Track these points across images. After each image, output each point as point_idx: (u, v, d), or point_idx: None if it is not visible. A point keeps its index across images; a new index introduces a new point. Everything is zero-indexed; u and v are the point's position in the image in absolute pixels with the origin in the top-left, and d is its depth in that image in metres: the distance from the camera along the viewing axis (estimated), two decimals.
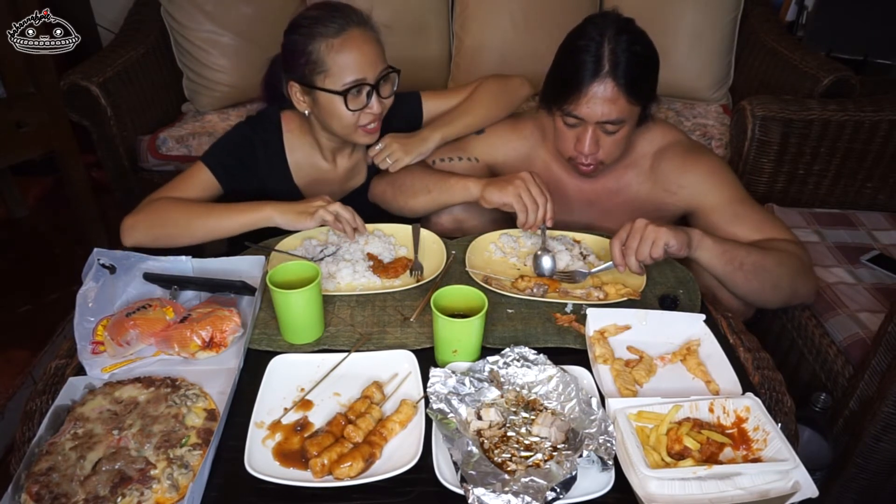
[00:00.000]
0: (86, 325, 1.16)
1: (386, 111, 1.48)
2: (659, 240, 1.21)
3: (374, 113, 1.43)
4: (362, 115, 1.42)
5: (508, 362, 1.07)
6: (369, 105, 1.42)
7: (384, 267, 1.36)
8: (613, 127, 1.39)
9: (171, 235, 1.38)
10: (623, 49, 1.32)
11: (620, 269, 1.27)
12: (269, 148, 1.56)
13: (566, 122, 1.42)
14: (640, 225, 1.23)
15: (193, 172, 1.49)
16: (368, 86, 1.39)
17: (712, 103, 2.61)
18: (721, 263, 1.28)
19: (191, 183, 1.48)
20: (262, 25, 2.50)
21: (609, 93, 1.33)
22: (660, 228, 1.22)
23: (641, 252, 1.23)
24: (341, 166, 1.62)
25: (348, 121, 1.43)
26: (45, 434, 0.97)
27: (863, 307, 1.60)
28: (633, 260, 1.24)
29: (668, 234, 1.22)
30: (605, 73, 1.32)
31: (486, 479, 0.87)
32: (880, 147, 2.01)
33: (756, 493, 0.89)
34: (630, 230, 1.24)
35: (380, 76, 1.41)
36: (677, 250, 1.24)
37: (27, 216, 2.81)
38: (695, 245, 1.27)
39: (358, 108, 1.41)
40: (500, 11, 2.56)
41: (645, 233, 1.22)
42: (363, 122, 1.43)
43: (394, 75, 1.44)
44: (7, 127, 1.96)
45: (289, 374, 1.09)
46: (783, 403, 1.09)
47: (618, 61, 1.32)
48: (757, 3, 2.68)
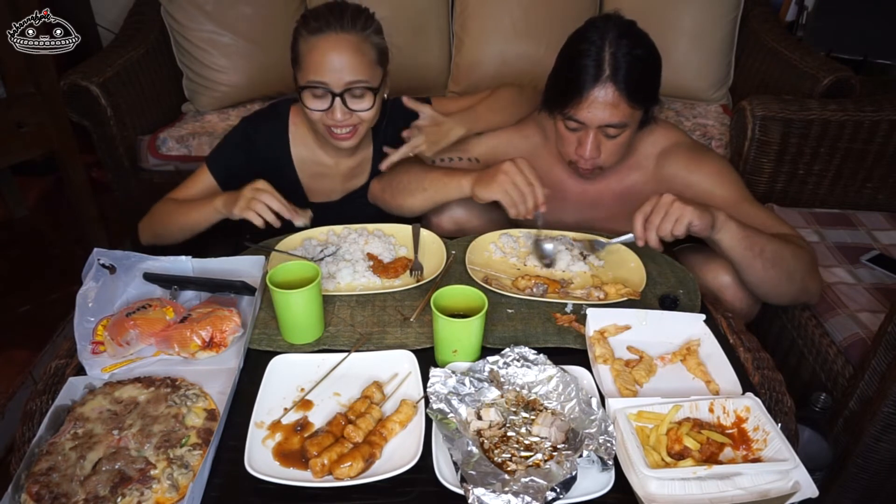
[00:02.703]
0: (86, 325, 1.16)
1: (365, 123, 1.45)
2: (683, 217, 1.21)
3: (335, 120, 1.41)
4: (326, 118, 1.42)
5: (508, 362, 1.07)
6: (331, 111, 1.40)
7: (384, 267, 1.36)
8: (615, 131, 1.39)
9: (161, 235, 1.47)
10: (624, 53, 1.31)
11: (640, 243, 1.27)
12: (272, 142, 1.57)
13: (567, 125, 1.42)
14: (666, 200, 1.22)
15: (197, 176, 1.56)
16: (329, 92, 1.38)
17: (712, 103, 2.61)
18: (742, 248, 1.27)
19: (193, 186, 1.55)
20: (262, 25, 2.50)
21: (610, 97, 1.33)
22: (686, 206, 1.21)
23: (663, 228, 1.22)
24: (344, 164, 1.62)
25: (314, 119, 1.43)
26: (45, 434, 0.97)
27: (863, 307, 1.60)
28: (654, 235, 1.23)
29: (694, 213, 1.21)
30: (606, 78, 1.32)
31: (486, 479, 0.87)
32: (880, 147, 2.01)
33: (756, 493, 0.89)
34: (656, 205, 1.23)
35: (348, 86, 1.39)
36: (700, 230, 1.23)
37: (27, 216, 2.81)
38: (718, 226, 1.25)
39: (316, 109, 1.41)
40: (501, 12, 2.56)
41: (671, 209, 1.21)
42: (328, 123, 1.43)
43: (369, 92, 1.41)
44: (7, 127, 1.95)
45: (289, 374, 1.09)
46: (783, 403, 1.09)
47: (619, 66, 1.31)
48: (757, 3, 2.68)
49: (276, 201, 1.32)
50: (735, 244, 1.27)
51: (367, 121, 1.46)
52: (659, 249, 1.28)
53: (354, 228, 1.47)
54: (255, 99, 2.59)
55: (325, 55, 1.37)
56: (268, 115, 1.60)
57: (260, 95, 2.59)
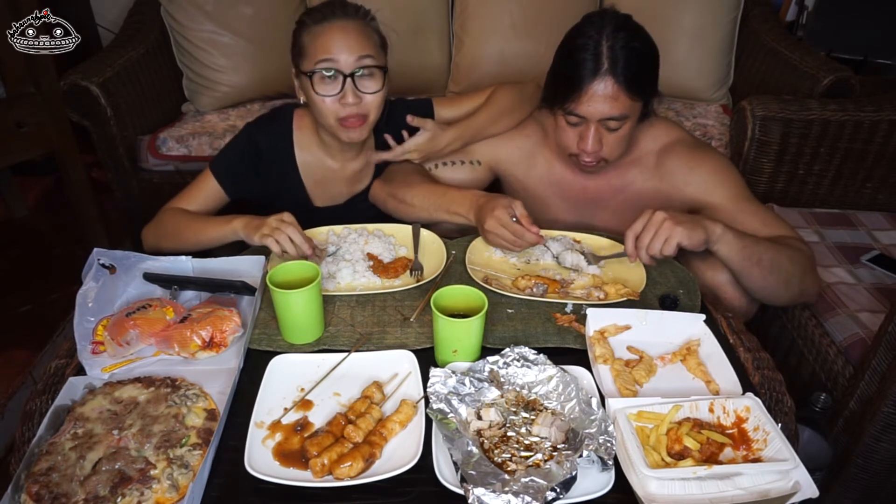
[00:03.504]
0: (86, 325, 1.16)
1: (373, 111, 1.44)
2: (672, 238, 1.21)
3: (349, 103, 1.40)
4: (339, 106, 1.40)
5: (508, 362, 1.07)
6: (343, 94, 1.39)
7: (384, 267, 1.36)
8: (616, 123, 1.39)
9: (171, 247, 1.43)
10: (622, 46, 1.32)
11: (631, 261, 1.27)
12: (276, 147, 1.57)
13: (568, 120, 1.42)
14: (657, 219, 1.22)
15: (201, 180, 1.54)
16: (341, 73, 1.37)
17: (712, 103, 2.60)
18: (740, 258, 1.28)
19: (198, 191, 1.54)
20: (262, 25, 2.50)
21: (610, 90, 1.34)
22: (676, 227, 1.21)
23: (653, 247, 1.22)
24: (349, 168, 1.62)
25: (325, 110, 1.41)
26: (45, 434, 0.97)
27: (863, 307, 1.60)
28: (645, 254, 1.24)
29: (683, 233, 1.21)
30: (604, 71, 1.32)
31: (486, 479, 0.87)
32: (880, 147, 2.01)
33: (756, 494, 0.89)
34: (646, 223, 1.23)
35: (357, 66, 1.38)
36: (692, 248, 1.24)
37: (27, 216, 2.81)
38: (714, 240, 1.26)
39: (327, 94, 1.39)
40: (500, 11, 2.56)
41: (661, 228, 1.22)
42: (341, 113, 1.41)
43: (379, 72, 1.41)
44: (7, 127, 1.95)
45: (289, 374, 1.09)
46: (783, 403, 1.09)
47: (617, 58, 1.32)
48: (757, 3, 2.68)
49: (300, 235, 1.31)
50: (733, 255, 1.28)
51: (375, 109, 1.44)
52: (651, 264, 1.28)
53: (354, 228, 1.47)
54: (255, 99, 2.59)
55: (332, 36, 1.37)
56: (272, 120, 1.59)
57: (260, 95, 2.59)
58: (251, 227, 1.34)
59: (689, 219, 1.24)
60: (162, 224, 1.50)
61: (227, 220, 1.40)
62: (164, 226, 1.49)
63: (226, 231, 1.39)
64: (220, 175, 1.53)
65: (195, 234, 1.43)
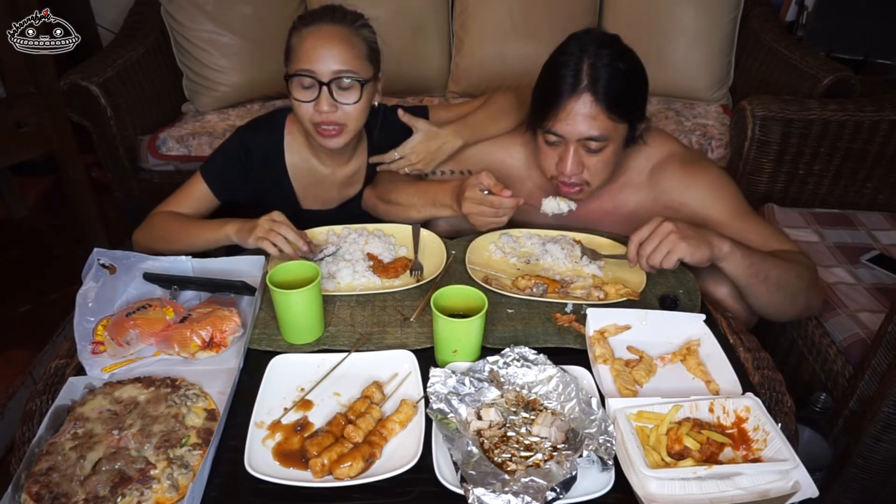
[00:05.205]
0: (86, 325, 1.16)
1: (352, 121, 1.43)
2: (674, 253, 1.18)
3: (323, 111, 1.39)
4: (315, 112, 1.40)
5: (508, 362, 1.07)
6: (317, 102, 1.39)
7: (384, 267, 1.36)
8: (596, 145, 1.33)
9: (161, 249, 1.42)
10: (604, 64, 1.28)
11: (631, 265, 1.26)
12: (267, 151, 1.57)
13: (547, 139, 1.37)
14: (663, 230, 1.19)
15: (191, 184, 1.54)
16: (318, 81, 1.37)
17: (712, 103, 2.61)
18: (747, 276, 1.25)
19: (189, 195, 1.54)
20: (262, 25, 2.50)
21: (588, 108, 1.29)
22: (680, 242, 1.17)
23: (654, 258, 1.20)
24: (340, 172, 1.61)
25: (303, 115, 1.42)
26: (45, 434, 0.97)
27: (863, 307, 1.60)
28: (645, 263, 1.22)
29: (686, 250, 1.18)
30: (583, 88, 1.28)
31: (486, 479, 0.87)
32: (880, 147, 2.01)
33: (756, 493, 0.89)
34: (652, 231, 1.20)
35: (336, 76, 1.37)
36: (696, 264, 1.21)
37: (27, 216, 2.81)
38: (721, 257, 1.22)
39: (302, 100, 1.40)
40: (501, 11, 2.56)
41: (665, 240, 1.18)
42: (316, 119, 1.41)
43: (357, 84, 1.39)
44: (7, 127, 1.95)
45: (289, 374, 1.09)
46: (783, 403, 1.09)
47: (597, 76, 1.28)
48: (757, 3, 2.68)
49: (293, 232, 1.31)
50: (740, 273, 1.25)
51: (353, 119, 1.43)
52: (652, 272, 1.27)
53: (354, 228, 1.48)
54: (255, 99, 2.59)
55: (314, 44, 1.37)
56: (263, 124, 1.60)
57: (260, 95, 2.59)
58: (244, 231, 1.34)
59: (695, 234, 1.20)
60: (153, 228, 1.49)
61: (219, 224, 1.40)
62: (156, 230, 1.48)
63: (218, 236, 1.39)
64: (210, 179, 1.53)
65: (187, 238, 1.43)
